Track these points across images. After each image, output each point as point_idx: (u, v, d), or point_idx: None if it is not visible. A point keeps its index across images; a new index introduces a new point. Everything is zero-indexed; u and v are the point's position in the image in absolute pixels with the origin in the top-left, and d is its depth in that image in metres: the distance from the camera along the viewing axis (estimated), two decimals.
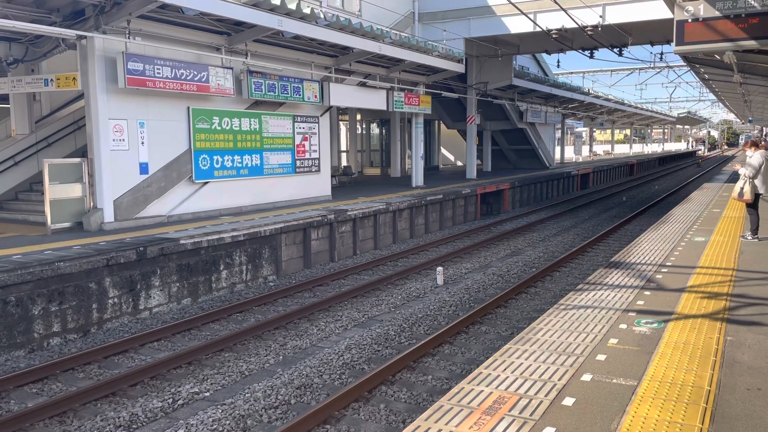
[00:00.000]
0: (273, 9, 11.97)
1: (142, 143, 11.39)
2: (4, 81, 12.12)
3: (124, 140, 11.07)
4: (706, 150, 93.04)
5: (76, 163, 10.87)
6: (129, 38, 10.62)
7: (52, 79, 11.26)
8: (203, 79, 12.00)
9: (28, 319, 7.78)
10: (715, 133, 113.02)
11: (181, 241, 9.84)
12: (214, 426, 5.65)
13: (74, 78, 10.88)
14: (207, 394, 6.49)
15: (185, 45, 11.89)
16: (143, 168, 11.46)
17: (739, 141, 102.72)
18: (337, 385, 6.63)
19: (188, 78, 11.71)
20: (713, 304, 6.16)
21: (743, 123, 70.41)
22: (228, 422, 5.71)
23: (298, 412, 5.97)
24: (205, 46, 12.34)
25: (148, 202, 11.61)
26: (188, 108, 12.18)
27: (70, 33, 10.01)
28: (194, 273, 10.15)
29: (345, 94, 16.26)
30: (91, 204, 10.91)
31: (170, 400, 6.28)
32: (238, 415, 5.84)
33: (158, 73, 11.10)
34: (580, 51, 21.49)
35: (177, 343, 8.19)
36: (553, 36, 17.40)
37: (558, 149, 39.34)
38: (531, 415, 3.77)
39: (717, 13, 8.28)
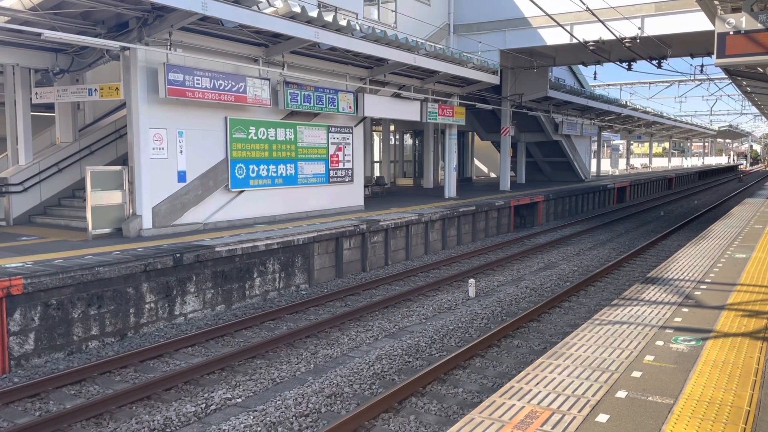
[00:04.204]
0: (310, 21, 12.14)
1: (181, 152, 11.64)
2: (50, 90, 12.53)
3: (163, 149, 11.32)
4: (748, 164, 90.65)
5: (117, 170, 11.16)
6: (170, 50, 10.89)
7: (95, 89, 11.61)
8: (241, 90, 12.22)
9: (68, 322, 8.00)
10: (757, 147, 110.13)
11: (217, 249, 10.00)
12: None
13: (117, 88, 11.20)
14: (239, 400, 6.56)
15: (224, 56, 12.14)
16: (181, 176, 11.70)
17: None
18: (367, 395, 6.63)
19: (226, 88, 11.94)
20: (754, 323, 5.99)
21: None
22: (259, 429, 5.76)
23: (328, 421, 5.99)
24: (243, 57, 12.57)
25: (185, 209, 11.84)
26: (226, 118, 12.41)
27: (114, 44, 10.31)
28: (228, 280, 10.30)
29: (379, 105, 16.36)
30: (131, 211, 11.17)
31: (203, 405, 6.37)
32: (269, 422, 5.89)
33: (197, 84, 11.35)
34: (618, 63, 21.23)
35: (211, 348, 8.31)
36: (590, 48, 17.23)
37: (594, 162, 38.83)
38: (564, 430, 3.72)
39: (760, 26, 8.11)
